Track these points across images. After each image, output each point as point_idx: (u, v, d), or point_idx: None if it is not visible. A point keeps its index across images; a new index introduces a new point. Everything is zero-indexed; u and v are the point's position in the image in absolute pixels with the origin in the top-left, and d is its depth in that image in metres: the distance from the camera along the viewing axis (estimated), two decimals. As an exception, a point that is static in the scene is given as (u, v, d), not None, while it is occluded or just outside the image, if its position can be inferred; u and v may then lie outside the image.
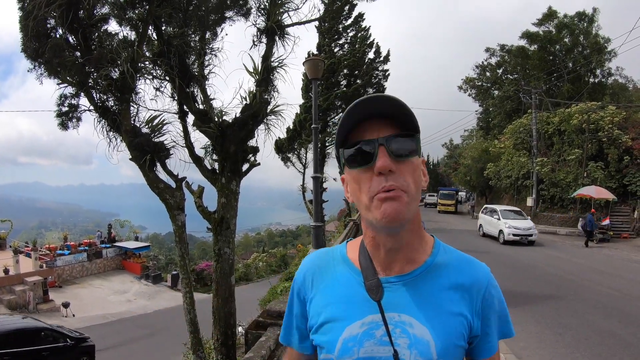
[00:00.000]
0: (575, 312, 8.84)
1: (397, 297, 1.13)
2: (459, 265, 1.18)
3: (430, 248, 1.21)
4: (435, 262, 1.17)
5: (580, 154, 27.09)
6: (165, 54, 7.25)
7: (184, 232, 7.63)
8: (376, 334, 1.09)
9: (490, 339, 1.17)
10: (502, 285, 3.74)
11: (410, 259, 1.16)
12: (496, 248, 18.96)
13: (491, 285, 1.18)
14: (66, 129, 7.82)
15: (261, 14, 8.01)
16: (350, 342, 1.10)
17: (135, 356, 16.20)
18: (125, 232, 36.34)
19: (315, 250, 1.39)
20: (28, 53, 6.95)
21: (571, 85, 36.38)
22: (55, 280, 25.23)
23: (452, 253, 1.22)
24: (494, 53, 44.26)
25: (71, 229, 79.49)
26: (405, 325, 1.09)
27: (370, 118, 1.07)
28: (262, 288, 18.68)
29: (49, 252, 27.30)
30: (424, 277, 1.15)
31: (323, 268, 1.27)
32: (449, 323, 1.10)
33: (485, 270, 1.20)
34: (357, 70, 25.91)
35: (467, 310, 1.13)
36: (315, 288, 1.24)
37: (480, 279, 1.17)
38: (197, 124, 7.62)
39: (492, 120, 45.17)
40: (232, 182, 7.57)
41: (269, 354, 5.66)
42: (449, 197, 44.93)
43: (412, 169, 1.07)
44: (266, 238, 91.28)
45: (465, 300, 1.14)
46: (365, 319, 1.12)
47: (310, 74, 10.02)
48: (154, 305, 24.43)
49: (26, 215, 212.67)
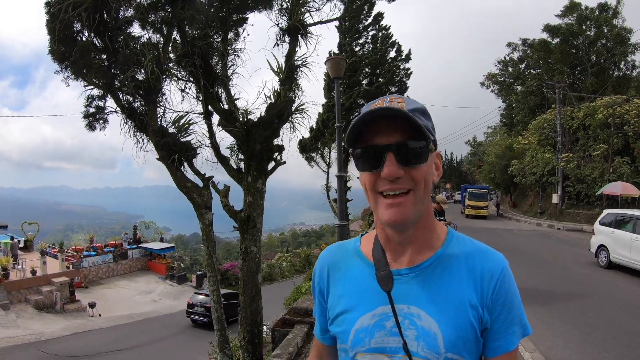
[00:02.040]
0: (603, 311, 8.60)
1: (407, 289, 1.14)
2: (471, 256, 1.16)
3: (443, 239, 1.20)
4: (447, 253, 1.17)
5: (605, 149, 26.45)
6: (190, 55, 7.33)
7: (211, 231, 7.70)
8: (386, 325, 1.12)
9: (500, 336, 1.12)
10: (527, 283, 3.68)
11: (420, 251, 1.17)
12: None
13: (505, 276, 1.13)
14: (93, 129, 7.98)
15: (283, 13, 8.04)
16: (362, 332, 1.14)
17: (161, 355, 16.39)
18: (151, 233, 36.88)
19: (330, 245, 1.42)
20: (55, 56, 7.06)
21: (595, 78, 35.58)
22: (82, 281, 25.70)
23: (465, 243, 1.20)
24: (516, 48, 43.60)
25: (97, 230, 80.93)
26: (414, 317, 1.10)
27: (383, 118, 1.06)
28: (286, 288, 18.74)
29: (76, 253, 27.80)
30: (434, 268, 1.15)
31: (337, 262, 1.30)
32: (457, 315, 1.09)
33: (500, 259, 1.16)
34: (379, 68, 25.88)
35: (478, 302, 1.10)
36: (331, 281, 1.28)
37: (493, 268, 1.13)
38: (223, 124, 7.67)
39: (515, 116, 44.36)
40: (258, 180, 7.60)
41: (296, 351, 5.68)
42: (480, 198, 34.05)
43: (422, 173, 1.07)
44: (290, 238, 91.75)
45: (477, 292, 1.11)
46: (375, 310, 1.14)
47: (333, 73, 10.03)
48: (179, 305, 24.65)
49: (53, 218, 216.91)
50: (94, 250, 29.72)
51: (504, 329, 1.12)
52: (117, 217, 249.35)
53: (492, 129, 58.34)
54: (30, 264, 22.65)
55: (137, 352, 16.55)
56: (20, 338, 16.83)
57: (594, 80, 35.31)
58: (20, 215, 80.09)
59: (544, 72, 39.33)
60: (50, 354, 15.40)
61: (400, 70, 26.71)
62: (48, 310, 21.16)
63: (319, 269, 1.33)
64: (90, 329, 19.33)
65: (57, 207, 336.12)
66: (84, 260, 27.48)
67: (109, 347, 16.69)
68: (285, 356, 4.94)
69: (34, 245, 29.47)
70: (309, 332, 6.27)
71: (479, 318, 1.10)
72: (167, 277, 30.68)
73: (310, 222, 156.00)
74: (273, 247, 75.99)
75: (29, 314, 20.34)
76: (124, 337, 18.33)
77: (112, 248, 30.85)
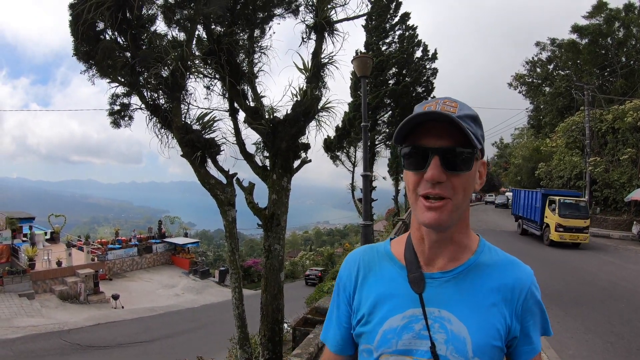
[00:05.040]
0: (629, 320, 8.39)
1: (439, 293, 1.15)
2: (502, 266, 1.19)
3: (475, 247, 1.22)
4: (479, 261, 1.19)
5: (634, 152, 25.72)
6: (215, 53, 7.35)
7: (234, 228, 7.73)
8: (415, 327, 1.12)
9: (530, 341, 1.17)
10: (552, 289, 3.53)
11: (453, 257, 1.18)
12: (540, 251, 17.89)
13: (533, 288, 1.18)
14: (118, 126, 8.10)
15: (309, 10, 8.01)
16: (390, 333, 1.14)
17: (182, 347, 16.55)
18: (175, 228, 37.36)
19: (359, 247, 1.41)
20: (80, 56, 7.17)
21: (625, 80, 34.75)
22: (106, 273, 26.17)
23: (496, 253, 1.22)
24: (545, 47, 42.76)
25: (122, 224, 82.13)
26: (444, 321, 1.11)
27: (435, 121, 1.06)
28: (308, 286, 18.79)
29: (101, 246, 28.28)
30: (465, 275, 1.17)
31: (368, 263, 1.28)
32: (487, 322, 1.11)
33: (529, 272, 1.20)
34: (405, 68, 25.82)
35: (507, 311, 1.14)
36: (360, 284, 1.26)
37: (523, 280, 1.17)
38: (248, 121, 7.67)
39: (543, 118, 43.57)
40: (283, 178, 7.58)
41: (316, 351, 5.63)
42: (578, 212, 19.41)
43: (464, 181, 1.08)
44: (314, 237, 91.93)
45: (507, 301, 1.14)
46: (406, 312, 1.15)
47: (359, 71, 9.96)
48: (202, 299, 24.93)
49: (79, 211, 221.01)
50: (119, 243, 30.21)
51: (531, 335, 1.17)
52: (142, 212, 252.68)
53: (520, 131, 57.60)
54: (57, 256, 23.20)
55: (157, 344, 16.75)
56: (43, 327, 17.24)
57: (623, 82, 34.44)
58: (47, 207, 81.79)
59: (573, 73, 38.49)
60: (72, 343, 15.71)
61: (426, 70, 26.62)
62: (72, 300, 21.65)
63: (347, 269, 1.32)
64: (112, 320, 19.67)
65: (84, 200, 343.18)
66: (109, 253, 27.98)
67: (130, 339, 16.97)
68: (306, 356, 4.89)
69: (60, 237, 30.05)
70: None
71: (506, 327, 1.13)
72: (190, 272, 31.04)
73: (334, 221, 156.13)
74: (297, 245, 76.29)
75: (54, 303, 20.85)
76: (145, 329, 18.57)
77: (137, 242, 31.33)
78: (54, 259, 22.98)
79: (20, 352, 14.55)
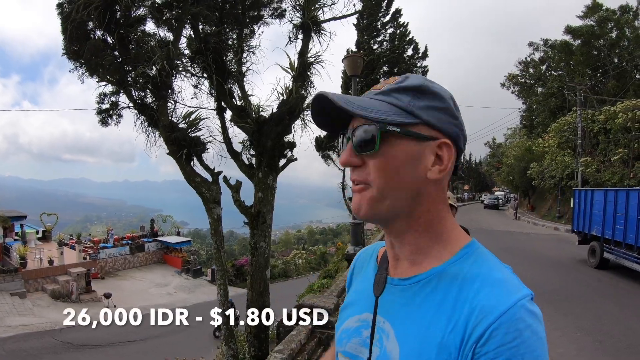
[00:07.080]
0: (618, 319, 8.46)
1: (391, 301, 0.98)
2: (469, 281, 0.87)
3: (451, 254, 0.94)
4: (447, 271, 0.91)
5: (625, 153, 25.93)
6: (203, 52, 7.40)
7: (219, 225, 7.76)
8: (363, 333, 1.01)
9: None
10: (544, 288, 3.45)
11: (416, 262, 0.97)
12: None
13: (506, 324, 0.77)
14: (107, 125, 8.13)
15: (297, 10, 8.07)
16: (344, 333, 1.08)
17: (174, 346, 16.55)
18: (168, 227, 37.19)
19: (367, 246, 1.37)
20: (69, 55, 7.21)
21: (616, 81, 34.98)
22: (98, 272, 26.03)
23: (480, 265, 0.90)
24: (538, 48, 42.91)
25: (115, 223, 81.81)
26: (384, 335, 0.94)
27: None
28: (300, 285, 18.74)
29: (93, 244, 28.21)
30: (423, 286, 0.92)
31: (361, 263, 1.27)
32: (424, 352, 0.84)
33: (508, 296, 0.80)
34: (397, 67, 25.86)
35: (454, 345, 0.81)
36: (352, 282, 1.26)
37: (489, 306, 0.80)
38: (235, 120, 7.74)
39: (535, 118, 43.82)
40: (268, 176, 7.65)
41: (299, 347, 5.70)
42: None
43: (381, 162, 0.90)
44: (307, 235, 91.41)
45: (455, 332, 0.82)
46: (362, 315, 1.05)
47: (350, 70, 10.02)
48: (194, 298, 24.88)
49: (72, 210, 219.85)
50: (111, 238, 30.25)
51: None
52: (135, 211, 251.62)
53: (512, 131, 57.80)
54: (48, 254, 23.10)
55: (149, 343, 16.72)
56: (35, 326, 17.18)
57: (614, 83, 34.66)
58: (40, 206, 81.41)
59: (565, 74, 38.68)
60: (64, 342, 15.68)
61: (417, 68, 26.69)
62: (64, 299, 21.55)
63: (351, 268, 1.31)
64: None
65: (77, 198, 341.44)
66: (101, 251, 27.90)
67: (123, 338, 16.90)
68: (287, 352, 4.97)
69: (52, 236, 29.98)
70: (313, 328, 6.29)
71: None
72: (183, 271, 30.94)
73: (327, 220, 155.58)
74: (289, 243, 75.92)
75: (45, 302, 20.77)
76: (137, 328, 18.51)
77: (128, 240, 31.29)
78: (45, 258, 22.87)
79: (11, 351, 14.52)
